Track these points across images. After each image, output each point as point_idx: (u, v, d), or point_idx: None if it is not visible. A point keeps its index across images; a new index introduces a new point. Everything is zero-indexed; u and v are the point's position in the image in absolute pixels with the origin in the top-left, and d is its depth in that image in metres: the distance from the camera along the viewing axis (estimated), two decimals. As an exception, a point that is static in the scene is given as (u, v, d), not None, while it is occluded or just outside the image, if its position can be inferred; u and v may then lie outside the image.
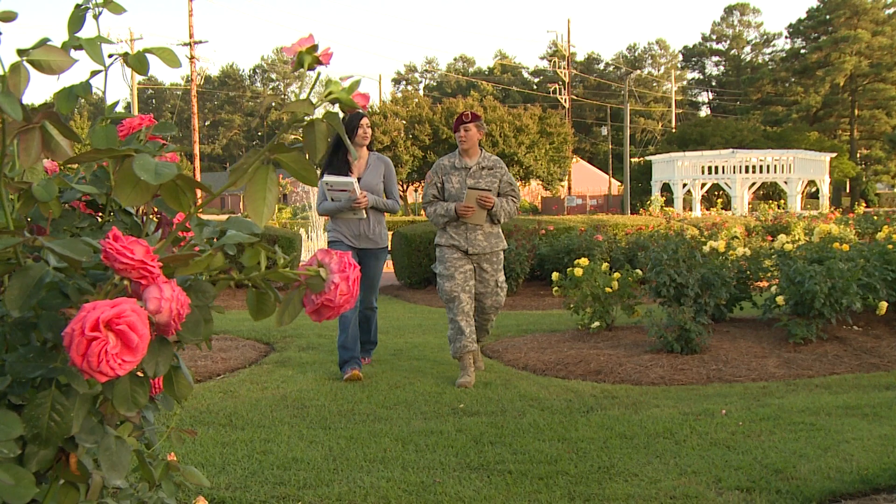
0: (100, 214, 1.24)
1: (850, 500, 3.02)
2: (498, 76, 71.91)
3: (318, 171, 5.54)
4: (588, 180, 51.23)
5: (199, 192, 0.93)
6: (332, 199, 5.39)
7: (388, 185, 5.60)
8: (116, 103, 1.17)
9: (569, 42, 47.19)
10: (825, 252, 6.20)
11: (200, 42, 35.13)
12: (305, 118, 0.76)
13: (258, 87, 77.75)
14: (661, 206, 23.94)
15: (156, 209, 1.08)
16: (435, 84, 77.48)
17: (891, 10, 55.84)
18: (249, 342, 6.65)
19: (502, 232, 5.44)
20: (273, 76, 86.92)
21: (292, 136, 0.93)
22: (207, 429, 4.08)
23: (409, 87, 74.59)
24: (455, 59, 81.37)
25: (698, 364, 5.49)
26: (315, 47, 0.79)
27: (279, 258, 0.84)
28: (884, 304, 5.89)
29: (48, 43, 0.74)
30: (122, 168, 0.77)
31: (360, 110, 5.76)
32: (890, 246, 6.33)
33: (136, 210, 1.09)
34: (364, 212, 5.41)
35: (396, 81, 79.15)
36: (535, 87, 68.29)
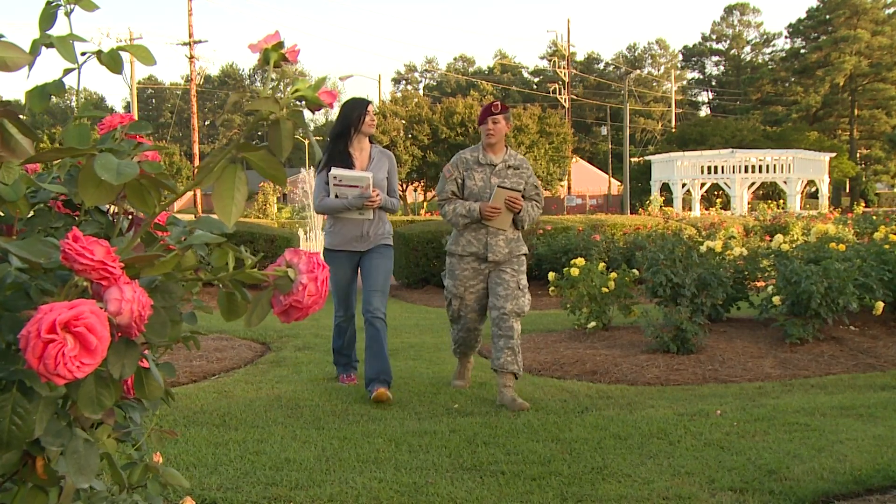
0: (77, 214, 1.23)
1: (843, 501, 3.01)
2: (498, 76, 71.92)
3: (318, 164, 4.80)
4: (588, 180, 51.22)
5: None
6: (338, 196, 4.72)
7: (392, 181, 4.96)
8: (90, 101, 1.16)
9: (568, 42, 47.19)
10: (822, 252, 6.19)
11: (200, 42, 35.13)
12: (271, 116, 0.75)
13: (258, 86, 77.65)
14: (661, 206, 23.93)
15: (128, 208, 1.06)
16: (435, 84, 77.48)
17: (891, 10, 55.84)
18: (245, 342, 6.64)
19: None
20: (273, 76, 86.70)
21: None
22: (201, 429, 4.07)
23: (409, 87, 74.62)
24: (455, 59, 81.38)
25: (694, 364, 5.47)
26: (281, 44, 0.78)
27: (246, 258, 0.82)
28: (880, 304, 5.88)
29: (2, 39, 0.73)
30: (84, 167, 0.76)
31: (365, 97, 4.94)
32: (886, 246, 6.32)
33: (109, 209, 1.08)
34: (372, 212, 4.79)
35: (396, 81, 79.15)
36: (534, 86, 68.31)
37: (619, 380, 5.26)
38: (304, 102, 0.77)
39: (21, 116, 0.92)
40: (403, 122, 33.09)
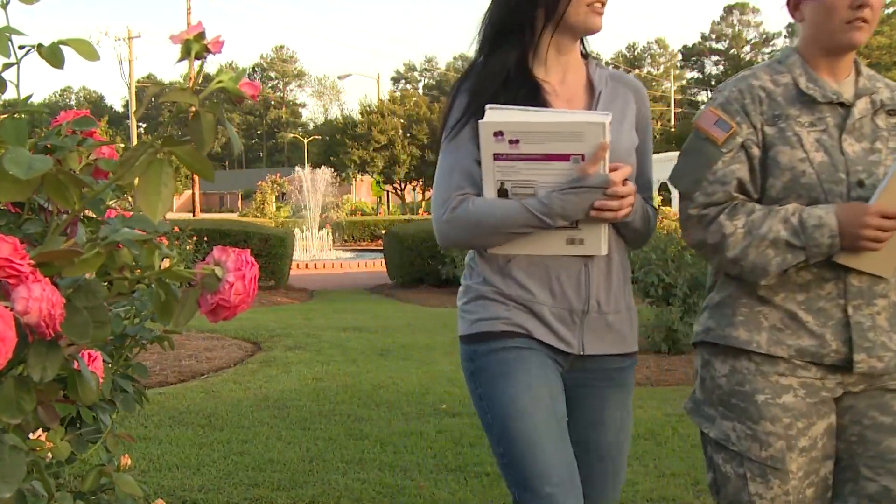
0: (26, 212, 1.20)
1: None
2: (497, 75, 71.83)
3: (442, 120, 1.76)
4: (587, 180, 51.18)
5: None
6: (513, 193, 1.58)
7: (643, 152, 1.73)
8: (30, 96, 1.13)
9: (567, 41, 47.16)
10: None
11: (198, 41, 35.16)
12: (190, 109, 0.72)
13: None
14: (658, 206, 23.93)
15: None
16: (434, 83, 77.52)
17: (890, 10, 55.88)
18: (236, 341, 6.61)
19: None
20: (272, 74, 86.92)
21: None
22: (186, 429, 4.04)
23: (409, 86, 74.64)
24: (455, 58, 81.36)
25: (685, 364, 5.45)
26: (203, 34, 0.75)
27: (171, 257, 0.80)
28: (873, 305, 5.84)
29: None
30: (-4, 162, 0.73)
31: None
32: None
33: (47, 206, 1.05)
34: (605, 237, 1.62)
35: (395, 80, 79.21)
36: (534, 86, 68.27)
37: (610, 380, 5.23)
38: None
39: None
40: (402, 121, 33.05)
